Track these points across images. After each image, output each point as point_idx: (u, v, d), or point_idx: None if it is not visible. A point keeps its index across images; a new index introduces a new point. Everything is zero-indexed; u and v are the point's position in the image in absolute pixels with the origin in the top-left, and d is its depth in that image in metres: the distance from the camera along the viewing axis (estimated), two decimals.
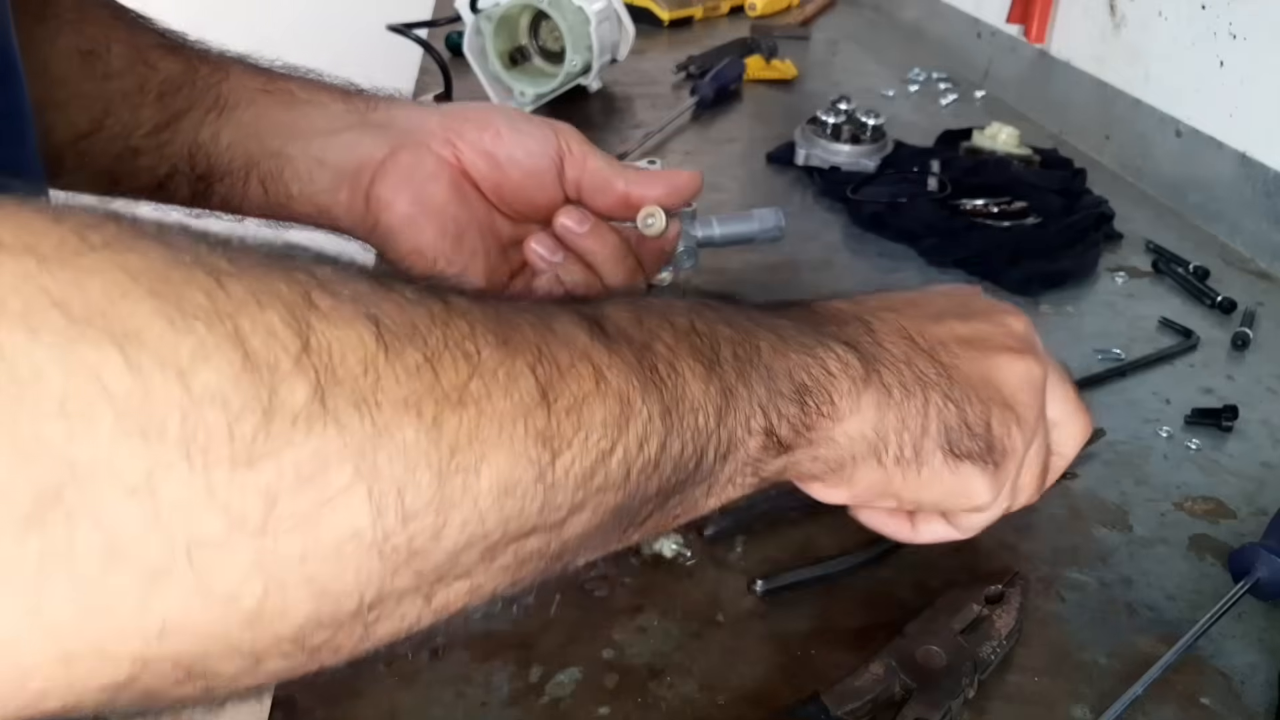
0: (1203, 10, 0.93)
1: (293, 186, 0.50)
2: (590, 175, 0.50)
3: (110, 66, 0.50)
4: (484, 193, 0.50)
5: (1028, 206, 0.91)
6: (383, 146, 0.49)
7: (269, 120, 0.49)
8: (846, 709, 0.42)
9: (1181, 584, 0.52)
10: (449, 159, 0.49)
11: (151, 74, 0.50)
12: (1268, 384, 0.70)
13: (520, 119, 0.50)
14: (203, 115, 0.49)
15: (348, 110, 0.50)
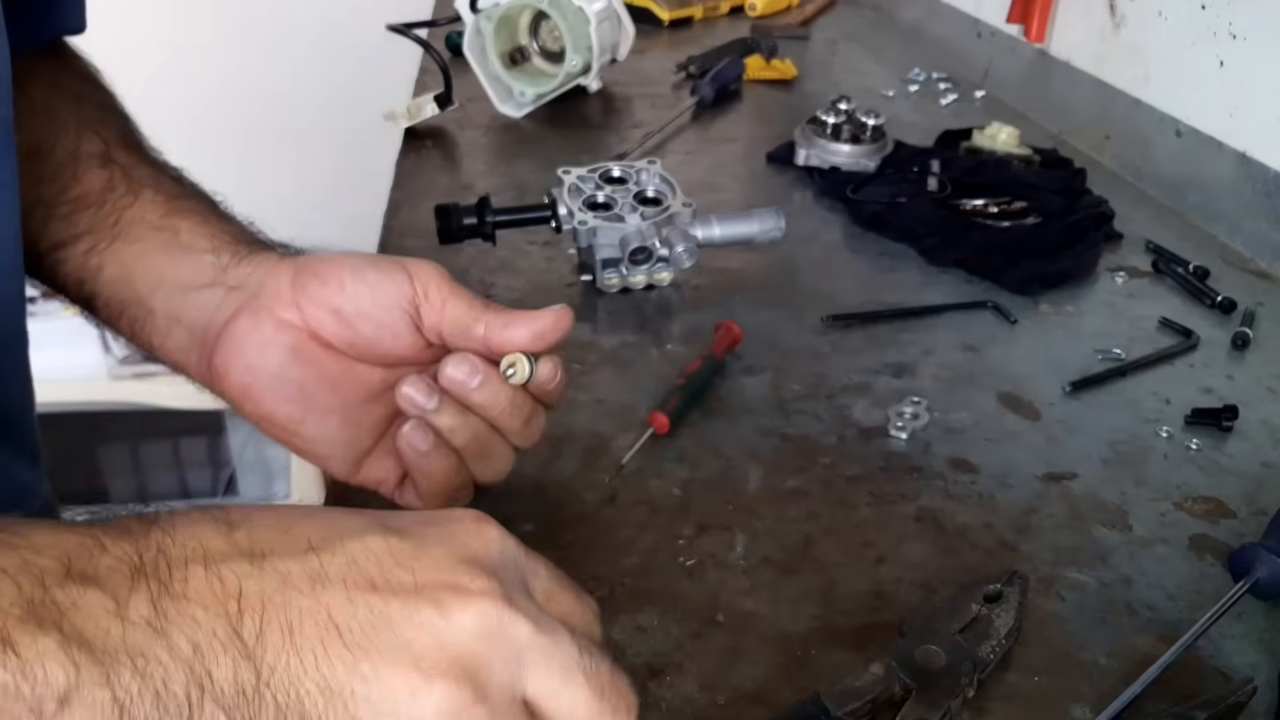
0: (1203, 10, 0.93)
1: (154, 339, 0.49)
2: (449, 322, 0.47)
3: (43, 171, 0.50)
4: (338, 349, 0.47)
5: (1028, 206, 0.91)
6: (228, 310, 0.47)
7: (146, 263, 0.49)
8: (846, 709, 0.42)
9: (1181, 584, 0.52)
10: (293, 321, 0.46)
11: (72, 186, 0.50)
12: (1268, 384, 0.70)
13: (369, 267, 0.47)
14: (94, 243, 0.49)
15: (213, 264, 0.48)
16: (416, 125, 1.10)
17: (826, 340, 0.74)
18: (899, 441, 0.63)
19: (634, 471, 0.59)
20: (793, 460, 0.61)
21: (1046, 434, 0.64)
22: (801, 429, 0.64)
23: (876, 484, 0.59)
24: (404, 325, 0.47)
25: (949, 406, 0.66)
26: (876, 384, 0.68)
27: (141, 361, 1.88)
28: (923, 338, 0.74)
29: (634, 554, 0.53)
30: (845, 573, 0.52)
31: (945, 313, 0.78)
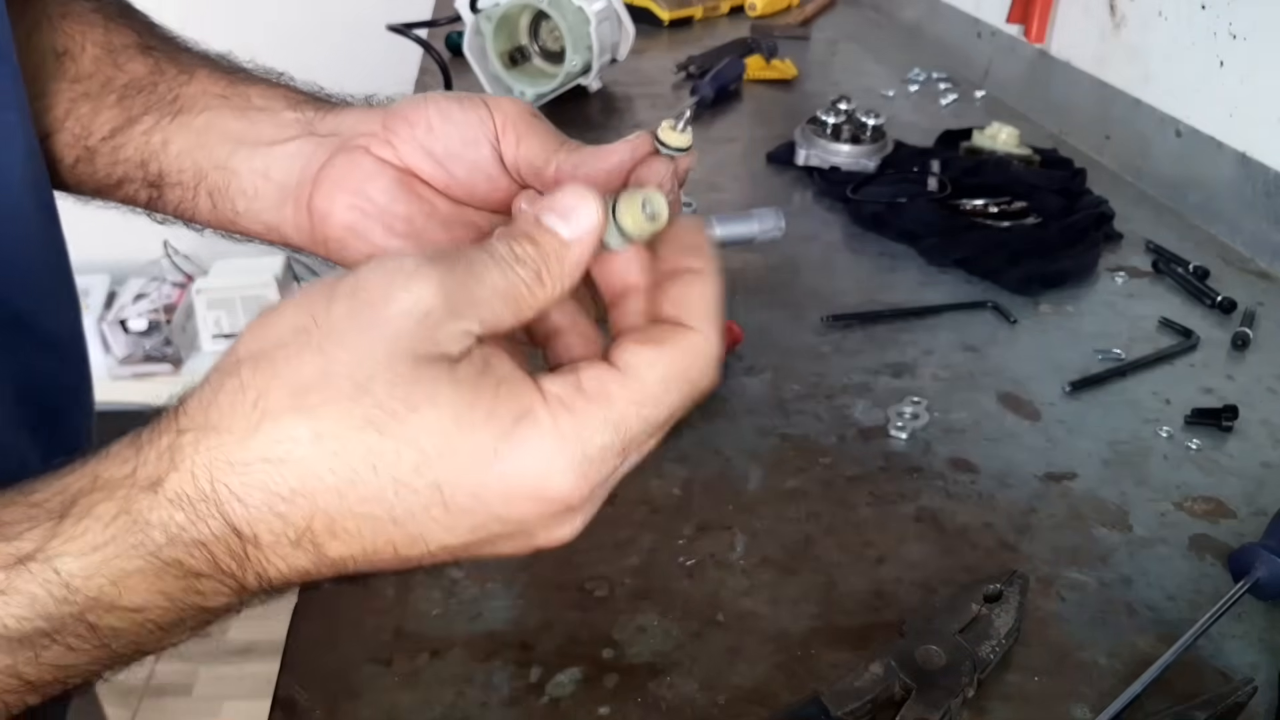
0: (1203, 10, 0.93)
1: (239, 202, 0.46)
2: (524, 161, 0.42)
3: (81, 68, 0.48)
4: (440, 190, 0.44)
5: (1028, 206, 0.91)
6: (321, 156, 0.44)
7: (219, 129, 0.46)
8: (846, 709, 0.42)
9: (1181, 584, 0.52)
10: (390, 159, 0.43)
11: (117, 75, 0.47)
12: (1268, 384, 0.70)
13: (454, 105, 0.43)
14: (157, 120, 0.46)
15: (297, 119, 0.46)
16: None
17: (826, 340, 0.74)
18: (899, 441, 0.63)
19: (634, 471, 0.59)
20: (793, 460, 0.61)
21: (1046, 434, 0.64)
22: (801, 429, 0.64)
23: (876, 484, 0.59)
24: (495, 165, 0.43)
25: (949, 406, 0.66)
26: (876, 384, 0.68)
27: (142, 361, 1.89)
28: (923, 338, 0.74)
29: (634, 554, 0.53)
30: (845, 573, 0.52)
31: (945, 313, 0.78)
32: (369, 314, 0.28)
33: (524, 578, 0.51)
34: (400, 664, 0.46)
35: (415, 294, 0.28)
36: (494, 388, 0.29)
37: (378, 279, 0.29)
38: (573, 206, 0.32)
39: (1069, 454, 0.62)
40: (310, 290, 0.30)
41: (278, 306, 0.30)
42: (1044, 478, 0.60)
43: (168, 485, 0.28)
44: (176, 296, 1.97)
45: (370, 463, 0.28)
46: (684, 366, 0.31)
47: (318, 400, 0.28)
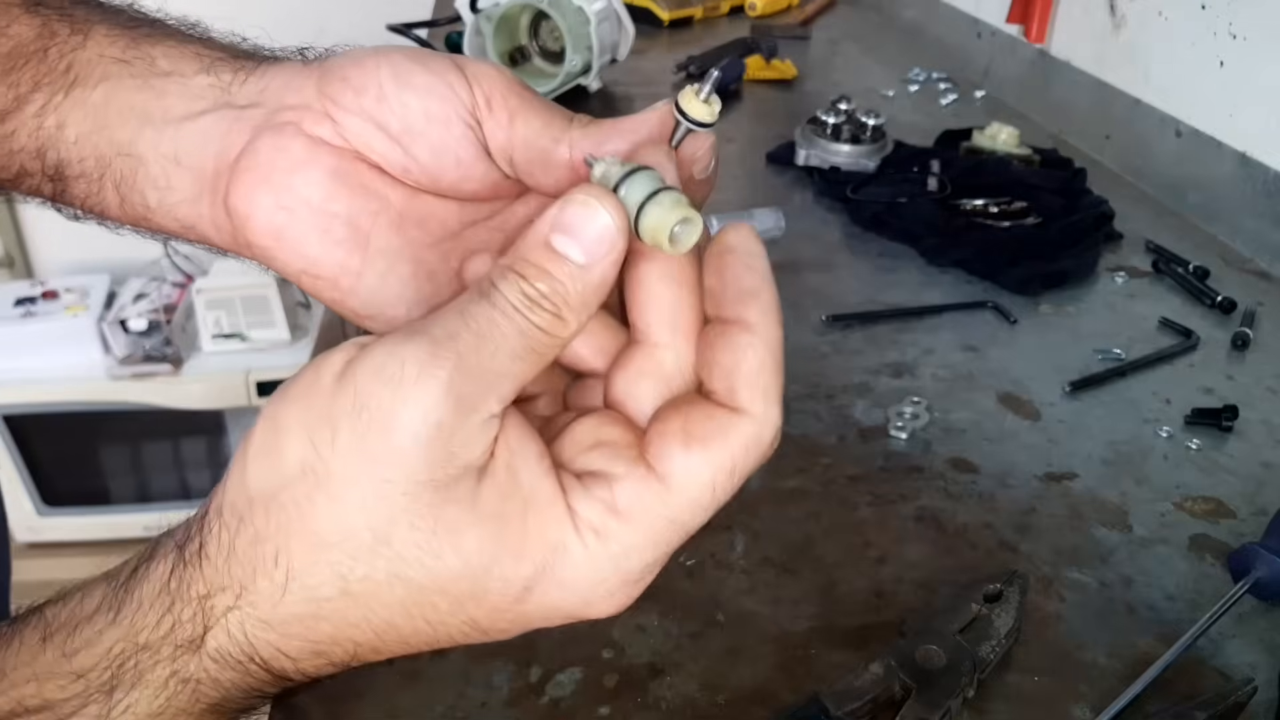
0: (1203, 10, 0.93)
1: (149, 195, 0.37)
2: (521, 144, 0.33)
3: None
4: (394, 175, 0.35)
5: (1028, 206, 0.91)
6: (242, 134, 0.35)
7: (119, 103, 0.36)
8: (846, 709, 0.42)
9: (1181, 584, 0.52)
10: (327, 137, 0.34)
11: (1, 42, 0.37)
12: (1268, 384, 0.70)
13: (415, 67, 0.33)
14: (49, 97, 0.37)
15: (211, 85, 0.36)
16: None
17: (826, 340, 0.74)
18: (899, 441, 0.63)
19: None
20: (793, 460, 0.61)
21: (1046, 434, 0.64)
22: (801, 429, 0.64)
23: (876, 484, 0.59)
24: (469, 147, 0.34)
25: (949, 406, 0.66)
26: (876, 384, 0.68)
27: (142, 361, 1.89)
28: (923, 338, 0.74)
29: None
30: (845, 573, 0.52)
31: (945, 313, 0.78)
32: (377, 444, 0.26)
33: None
34: (401, 663, 0.46)
35: (423, 409, 0.25)
36: (521, 516, 0.27)
37: (380, 396, 0.26)
38: (582, 221, 0.27)
39: (1069, 454, 0.62)
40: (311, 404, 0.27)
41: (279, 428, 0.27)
42: (1044, 478, 0.60)
43: (209, 645, 0.27)
44: (176, 296, 1.98)
45: (404, 610, 0.27)
46: (735, 464, 0.28)
47: (340, 555, 0.26)
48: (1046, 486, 0.59)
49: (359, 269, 0.35)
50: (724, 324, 0.28)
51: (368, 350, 0.27)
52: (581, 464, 0.28)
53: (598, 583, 0.27)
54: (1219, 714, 0.43)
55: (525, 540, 0.27)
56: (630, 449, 0.28)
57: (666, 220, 0.27)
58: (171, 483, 2.04)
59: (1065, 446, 0.63)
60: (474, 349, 0.26)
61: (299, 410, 0.27)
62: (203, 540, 0.27)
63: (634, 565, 0.27)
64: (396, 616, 0.27)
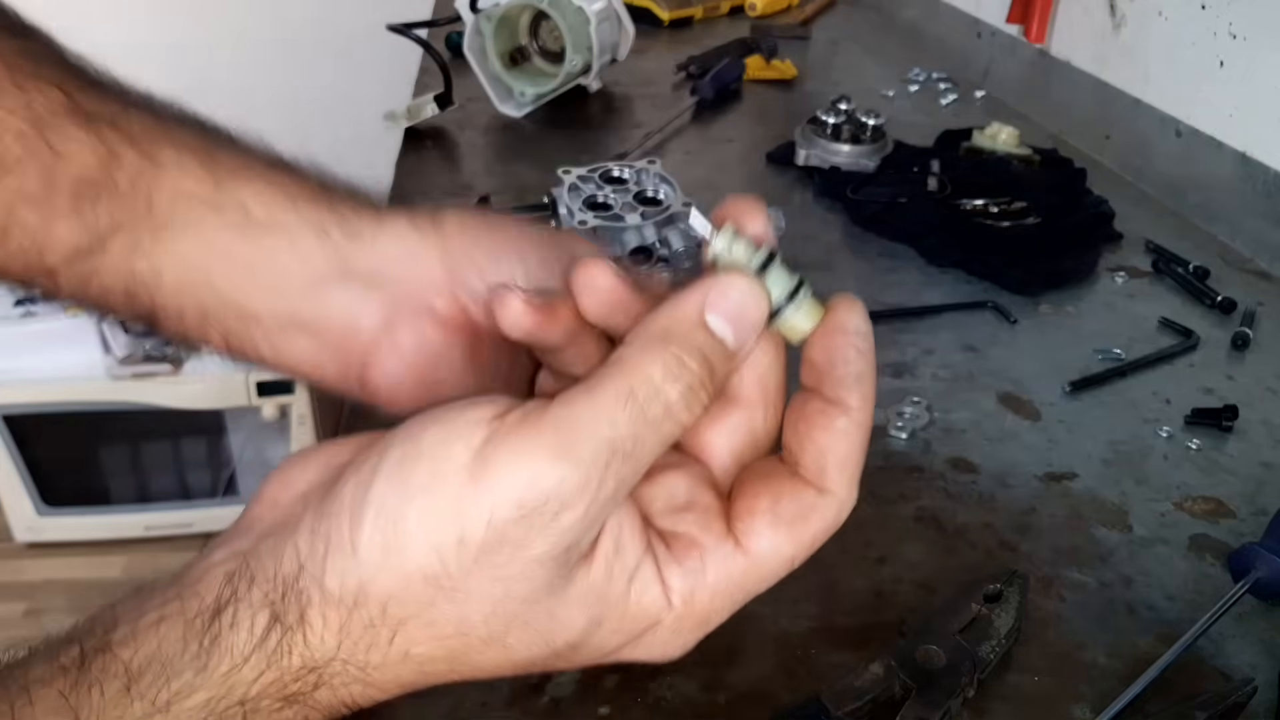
0: (1203, 10, 0.93)
1: (263, 346, 0.37)
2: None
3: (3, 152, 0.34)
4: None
5: (1028, 206, 0.91)
6: (374, 313, 0.36)
7: (221, 256, 0.36)
8: (846, 709, 0.42)
9: (1181, 584, 0.52)
10: (455, 317, 0.36)
11: (58, 165, 0.35)
12: (1268, 384, 0.70)
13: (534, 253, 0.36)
14: (134, 240, 0.35)
15: (322, 247, 0.36)
16: (416, 125, 1.10)
17: None
18: (899, 441, 0.63)
19: None
20: None
21: (1046, 434, 0.64)
22: None
23: (876, 484, 0.59)
24: None
25: (949, 406, 0.66)
26: (877, 384, 0.68)
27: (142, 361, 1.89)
28: (923, 338, 0.74)
29: None
30: (845, 573, 0.52)
31: (945, 313, 0.78)
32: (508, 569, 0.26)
33: None
34: None
35: (565, 541, 0.26)
36: (622, 599, 0.28)
37: (522, 530, 0.25)
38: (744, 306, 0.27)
39: (1069, 454, 0.62)
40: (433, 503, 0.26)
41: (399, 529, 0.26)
42: (1044, 478, 0.60)
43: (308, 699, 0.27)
44: None
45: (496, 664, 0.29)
46: (815, 539, 0.29)
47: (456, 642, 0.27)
48: (1046, 486, 0.59)
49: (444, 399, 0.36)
50: (825, 402, 0.29)
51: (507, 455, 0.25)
52: (672, 524, 0.29)
53: (675, 638, 0.29)
54: (1219, 714, 0.43)
55: (624, 619, 0.28)
56: (720, 519, 0.29)
57: (805, 327, 0.28)
58: (171, 483, 2.04)
59: (1065, 446, 0.63)
60: (630, 470, 0.26)
61: (420, 511, 0.26)
62: (304, 610, 0.27)
63: (712, 620, 0.29)
64: (489, 665, 0.28)
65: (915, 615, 0.47)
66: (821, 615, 0.49)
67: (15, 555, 2.09)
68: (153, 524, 2.07)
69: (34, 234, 0.35)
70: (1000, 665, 0.46)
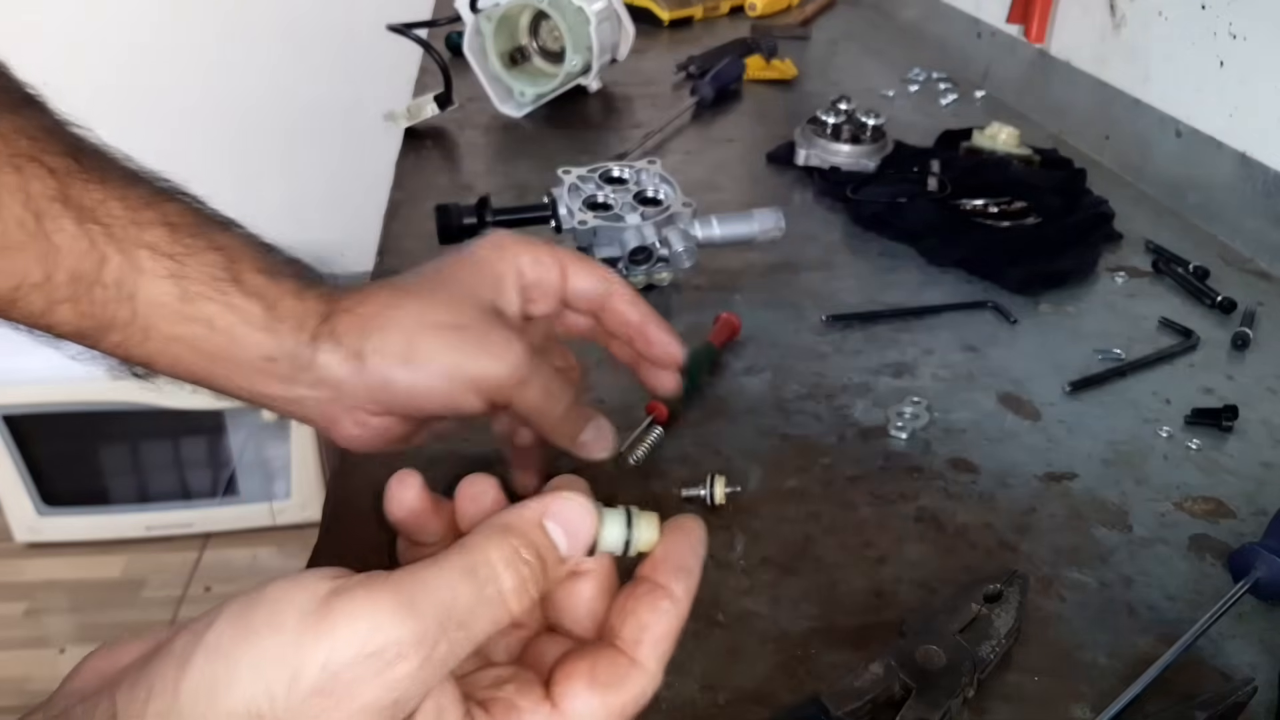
0: (1203, 10, 0.93)
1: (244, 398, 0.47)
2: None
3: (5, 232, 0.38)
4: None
5: (1028, 206, 0.91)
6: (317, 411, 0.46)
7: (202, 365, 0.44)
8: (846, 709, 0.42)
9: (1181, 584, 0.52)
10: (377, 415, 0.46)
11: (52, 254, 0.39)
12: (1268, 384, 0.70)
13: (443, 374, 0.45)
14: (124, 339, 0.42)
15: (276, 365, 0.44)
16: (416, 125, 1.10)
17: (826, 340, 0.74)
18: (899, 441, 0.63)
19: (634, 471, 0.59)
20: (793, 460, 0.61)
21: (1046, 434, 0.64)
22: (801, 429, 0.64)
23: (876, 484, 0.59)
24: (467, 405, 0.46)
25: (949, 406, 0.66)
26: (876, 384, 0.68)
27: None
28: (923, 338, 0.74)
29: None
30: (845, 573, 0.52)
31: (945, 313, 0.78)
32: (334, 710, 0.26)
33: None
34: None
35: (396, 692, 0.26)
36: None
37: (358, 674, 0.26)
38: (578, 523, 0.31)
39: (1069, 454, 0.62)
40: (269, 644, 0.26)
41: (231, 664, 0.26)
42: (1044, 478, 0.60)
43: None
44: None
45: None
46: (625, 709, 0.31)
47: None
48: (1046, 486, 0.59)
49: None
50: (654, 585, 0.32)
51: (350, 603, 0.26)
52: (492, 693, 0.30)
53: None
54: (1219, 714, 0.43)
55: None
56: (539, 687, 0.31)
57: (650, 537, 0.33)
58: (171, 483, 2.04)
59: (1065, 446, 0.63)
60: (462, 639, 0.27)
61: (256, 651, 0.26)
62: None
63: None
64: None
65: (915, 615, 0.47)
66: (821, 615, 0.49)
67: (15, 555, 2.09)
68: (153, 524, 2.07)
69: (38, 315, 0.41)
70: (1000, 665, 0.46)
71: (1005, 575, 0.49)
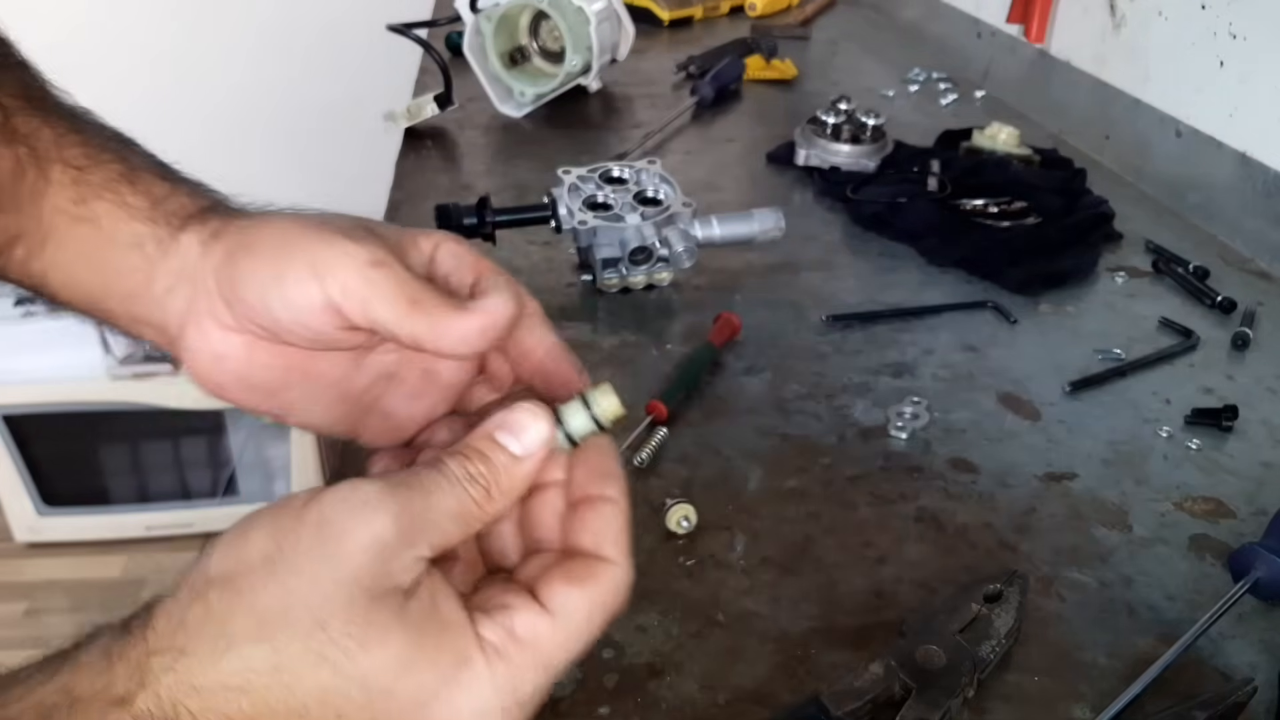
0: (1203, 10, 0.93)
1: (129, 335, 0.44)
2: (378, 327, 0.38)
3: None
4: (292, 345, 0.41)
5: (1028, 206, 0.91)
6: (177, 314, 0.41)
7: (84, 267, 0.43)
8: (846, 709, 0.42)
9: (1181, 584, 0.52)
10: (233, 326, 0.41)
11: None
12: (1268, 384, 0.70)
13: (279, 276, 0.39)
14: (28, 246, 0.43)
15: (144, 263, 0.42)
16: (416, 125, 1.10)
17: (826, 340, 0.74)
18: (899, 441, 0.63)
19: (635, 471, 0.59)
20: (793, 460, 0.61)
21: (1046, 434, 0.64)
22: (801, 429, 0.64)
23: (876, 484, 0.59)
24: (336, 333, 0.39)
25: (949, 406, 0.66)
26: (876, 384, 0.68)
27: (142, 361, 1.89)
28: (923, 338, 0.74)
29: (634, 553, 0.53)
30: (845, 573, 0.52)
31: (945, 313, 0.78)
32: (331, 547, 0.30)
33: None
34: None
35: (374, 528, 0.30)
36: (439, 633, 0.31)
37: (341, 512, 0.30)
38: (525, 425, 0.34)
39: (1069, 454, 0.62)
40: (281, 514, 0.31)
41: (250, 526, 0.31)
42: (1044, 478, 0.60)
43: (137, 703, 0.29)
44: None
45: (319, 698, 0.29)
46: (605, 600, 0.33)
47: (277, 631, 0.29)
48: (1046, 486, 0.59)
49: (285, 412, 0.43)
50: (590, 498, 0.35)
51: (333, 486, 0.31)
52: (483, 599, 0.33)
53: (494, 695, 0.31)
54: (1219, 714, 0.43)
55: (439, 651, 0.30)
56: (525, 591, 0.33)
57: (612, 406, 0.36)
58: (171, 483, 2.04)
59: (1065, 446, 0.63)
60: (420, 499, 0.31)
61: (269, 517, 0.31)
62: (151, 616, 0.30)
63: (526, 685, 0.31)
64: (312, 704, 0.29)
65: (915, 615, 0.47)
66: (821, 615, 0.49)
67: (15, 555, 2.09)
68: (153, 524, 2.07)
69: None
70: (1000, 665, 0.46)
71: (1005, 575, 0.49)
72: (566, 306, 0.77)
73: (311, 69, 2.09)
